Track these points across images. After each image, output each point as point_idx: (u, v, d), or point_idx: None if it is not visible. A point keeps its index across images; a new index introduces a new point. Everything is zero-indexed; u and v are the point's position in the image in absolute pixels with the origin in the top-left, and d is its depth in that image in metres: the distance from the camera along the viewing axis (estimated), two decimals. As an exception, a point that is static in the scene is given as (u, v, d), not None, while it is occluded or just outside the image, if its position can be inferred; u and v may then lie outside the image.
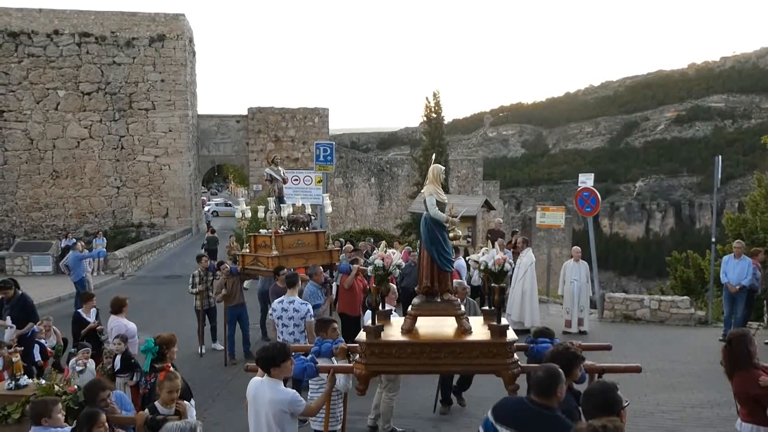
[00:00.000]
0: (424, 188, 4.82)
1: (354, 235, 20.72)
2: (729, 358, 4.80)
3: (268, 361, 4.41)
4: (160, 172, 32.18)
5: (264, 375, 4.47)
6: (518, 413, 3.42)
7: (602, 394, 3.05)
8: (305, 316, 7.70)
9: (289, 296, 7.86)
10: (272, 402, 4.36)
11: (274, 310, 7.84)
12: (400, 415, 7.57)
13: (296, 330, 7.70)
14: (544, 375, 3.49)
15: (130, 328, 7.45)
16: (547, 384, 3.41)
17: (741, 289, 11.21)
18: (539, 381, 3.46)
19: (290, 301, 7.76)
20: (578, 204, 14.33)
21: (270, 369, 4.40)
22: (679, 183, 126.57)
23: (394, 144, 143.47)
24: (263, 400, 4.39)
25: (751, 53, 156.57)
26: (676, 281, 21.38)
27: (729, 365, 4.80)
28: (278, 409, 4.36)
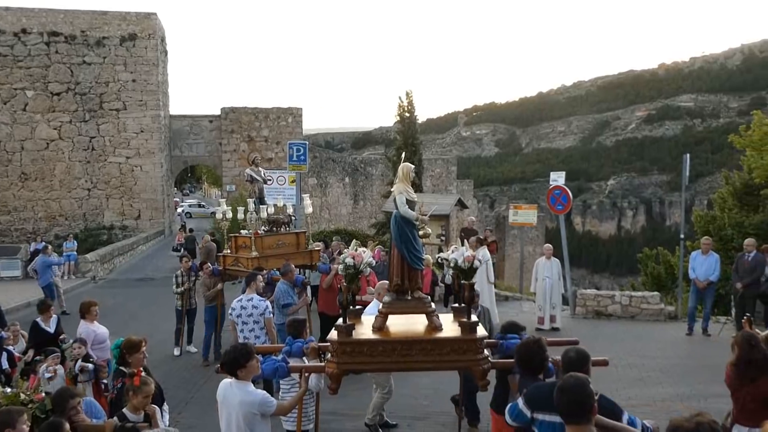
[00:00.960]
0: (394, 187, 4.84)
1: (328, 234, 20.68)
2: (753, 364, 4.65)
3: (233, 363, 4.38)
4: (131, 174, 31.73)
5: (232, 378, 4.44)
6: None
7: (577, 388, 3.09)
8: (264, 313, 7.72)
9: (247, 294, 7.89)
10: (242, 404, 4.33)
11: (233, 309, 7.83)
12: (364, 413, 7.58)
13: (256, 327, 7.71)
14: (576, 356, 3.79)
15: (100, 333, 7.32)
16: (580, 364, 3.71)
17: (709, 284, 11.46)
18: (572, 361, 3.75)
19: (248, 299, 7.78)
20: (550, 202, 14.49)
21: (236, 371, 4.37)
22: (649, 181, 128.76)
23: (369, 143, 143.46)
24: (233, 402, 4.37)
25: (719, 54, 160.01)
26: (647, 277, 21.77)
27: (753, 370, 4.65)
28: (248, 410, 4.33)
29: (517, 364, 4.43)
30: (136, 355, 5.30)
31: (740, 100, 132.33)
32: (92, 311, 7.45)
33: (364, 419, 6.96)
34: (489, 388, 4.73)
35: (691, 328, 11.71)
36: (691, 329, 11.70)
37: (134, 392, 4.58)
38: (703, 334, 11.63)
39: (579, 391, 3.06)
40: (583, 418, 3.04)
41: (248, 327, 7.70)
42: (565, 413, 3.10)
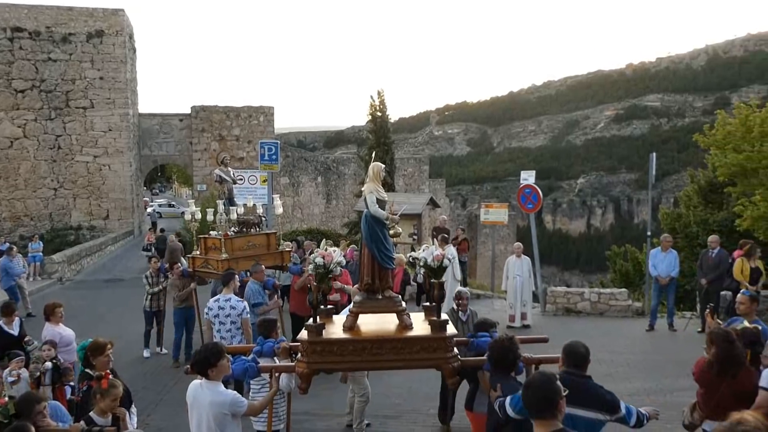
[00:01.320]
0: (365, 186, 4.84)
1: (301, 234, 20.60)
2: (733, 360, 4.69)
3: (203, 363, 4.33)
4: (99, 173, 31.17)
5: (202, 378, 4.40)
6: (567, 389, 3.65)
7: (543, 384, 3.14)
8: (242, 314, 7.68)
9: (225, 294, 7.81)
10: (212, 404, 4.29)
11: (210, 309, 7.75)
12: (342, 413, 7.58)
13: (233, 327, 7.65)
14: (585, 351, 4.04)
15: (65, 336, 7.18)
16: (585, 356, 4.01)
17: (670, 280, 11.72)
18: (581, 355, 4.01)
19: (226, 299, 7.71)
20: (520, 201, 14.63)
21: (206, 371, 4.33)
22: (618, 179, 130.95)
23: (341, 142, 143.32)
24: (203, 403, 4.32)
25: (684, 54, 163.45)
26: (616, 274, 22.16)
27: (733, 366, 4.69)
28: (218, 411, 4.29)
29: (489, 361, 4.48)
30: (101, 358, 5.18)
31: (705, 99, 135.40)
32: (57, 313, 7.28)
33: (353, 428, 6.90)
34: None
35: (652, 324, 11.95)
36: (652, 326, 11.94)
37: (102, 395, 4.50)
38: (669, 329, 11.88)
39: (546, 387, 3.12)
40: (548, 413, 3.09)
41: (225, 327, 7.64)
42: (532, 408, 3.15)
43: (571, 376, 3.97)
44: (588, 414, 3.87)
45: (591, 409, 3.89)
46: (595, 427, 3.93)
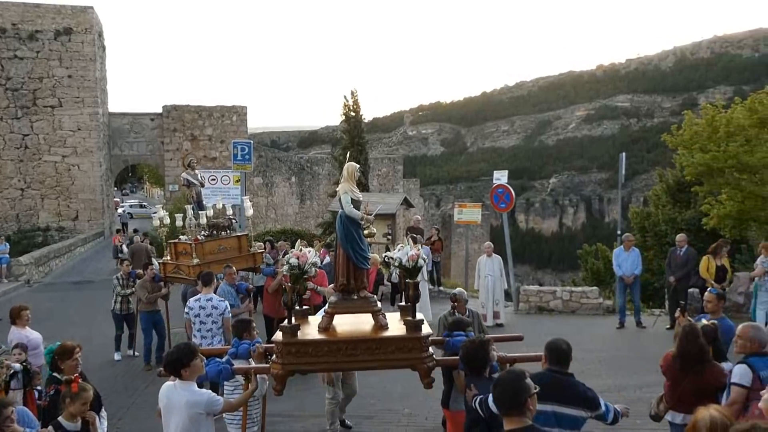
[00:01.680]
0: (339, 186, 4.84)
1: (274, 234, 20.48)
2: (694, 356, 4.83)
3: (176, 363, 4.29)
4: (68, 173, 30.59)
5: (175, 379, 4.35)
6: (551, 386, 3.82)
7: (511, 381, 3.19)
8: (223, 313, 7.65)
9: (206, 294, 7.76)
10: (188, 404, 4.25)
11: (191, 309, 7.70)
12: (322, 414, 7.56)
13: (214, 327, 7.63)
14: (567, 348, 4.10)
15: (32, 339, 7.03)
16: (567, 353, 4.08)
17: (635, 279, 11.95)
18: (565, 353, 4.08)
19: (207, 299, 7.68)
20: (493, 200, 14.76)
21: (180, 371, 4.29)
22: (589, 179, 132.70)
23: (315, 142, 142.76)
24: (178, 404, 4.28)
25: (653, 55, 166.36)
26: (587, 273, 22.48)
27: (693, 362, 4.83)
28: (194, 411, 4.26)
29: (461, 362, 4.51)
30: (70, 362, 5.09)
31: (673, 100, 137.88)
32: (23, 316, 7.12)
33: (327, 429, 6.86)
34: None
35: (622, 322, 12.16)
36: (622, 323, 12.14)
37: (72, 399, 4.41)
38: (637, 326, 12.08)
39: (514, 385, 3.17)
40: (517, 410, 3.13)
41: (206, 327, 7.61)
42: (501, 405, 3.20)
43: (555, 373, 4.04)
44: (572, 411, 3.94)
45: (575, 407, 3.96)
46: (578, 424, 4.00)
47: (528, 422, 3.14)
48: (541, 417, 3.73)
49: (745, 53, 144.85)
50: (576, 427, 3.98)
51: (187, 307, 7.84)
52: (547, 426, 3.77)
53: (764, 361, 4.61)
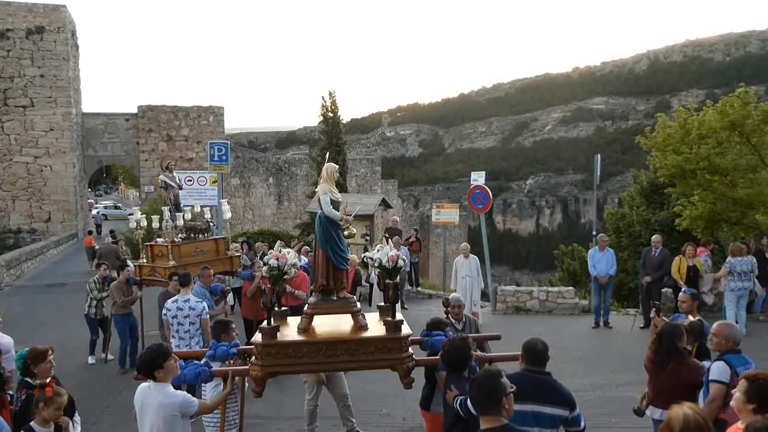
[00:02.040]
0: (318, 187, 4.83)
1: (252, 236, 20.36)
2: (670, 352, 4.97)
3: (149, 365, 4.26)
4: (40, 174, 30.07)
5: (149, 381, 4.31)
6: (529, 386, 3.85)
7: (487, 380, 3.21)
8: (201, 314, 7.67)
9: (183, 295, 7.77)
10: (162, 407, 4.22)
11: (168, 310, 7.70)
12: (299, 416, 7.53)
13: (192, 328, 7.64)
14: (543, 347, 4.10)
15: (4, 343, 6.89)
16: (543, 353, 4.10)
17: (609, 279, 12.10)
18: (541, 353, 4.09)
19: (184, 300, 7.72)
20: (471, 201, 14.84)
21: (153, 373, 4.26)
22: (565, 180, 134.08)
23: (293, 143, 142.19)
24: (152, 406, 4.24)
25: (627, 59, 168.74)
26: (564, 273, 22.70)
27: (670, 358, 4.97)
28: (169, 413, 4.22)
29: (442, 361, 4.53)
30: (43, 365, 4.98)
31: (647, 103, 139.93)
32: None
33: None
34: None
35: (597, 322, 12.31)
36: (597, 323, 12.29)
37: (46, 403, 4.33)
38: (605, 326, 12.23)
39: (490, 384, 3.20)
40: (493, 409, 3.16)
41: (183, 328, 7.64)
42: (477, 404, 3.22)
43: (532, 373, 4.06)
44: (552, 411, 3.97)
45: (554, 406, 3.98)
46: (557, 423, 4.01)
47: (504, 421, 3.16)
48: (520, 417, 3.75)
49: (717, 57, 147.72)
50: (555, 426, 4.01)
51: (164, 308, 7.82)
52: (526, 426, 3.79)
53: (739, 358, 4.72)
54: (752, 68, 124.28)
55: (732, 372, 4.55)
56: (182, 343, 7.52)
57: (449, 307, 6.62)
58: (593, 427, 6.95)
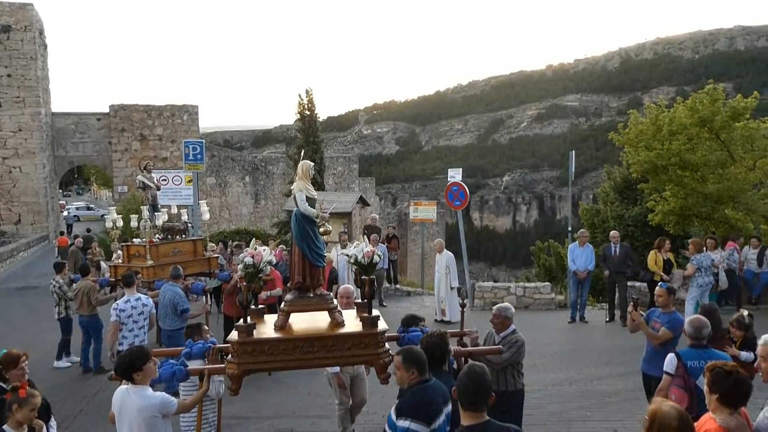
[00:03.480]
0: (294, 185, 4.81)
1: (229, 235, 20.19)
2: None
3: (128, 367, 4.23)
4: (9, 175, 29.46)
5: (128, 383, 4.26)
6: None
7: (474, 377, 3.21)
8: (151, 309, 8.19)
9: (132, 294, 8.11)
10: (141, 409, 4.18)
11: (122, 310, 7.91)
12: (278, 415, 7.51)
13: (145, 323, 8.10)
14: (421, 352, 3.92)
15: None
16: (425, 360, 3.89)
17: (588, 274, 12.25)
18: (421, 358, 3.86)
19: (136, 299, 8.06)
20: (448, 198, 14.89)
21: (132, 375, 4.22)
22: (541, 177, 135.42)
23: (269, 142, 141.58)
24: (131, 409, 4.20)
25: (600, 56, 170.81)
26: (540, 269, 22.88)
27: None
28: (149, 415, 4.20)
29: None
30: (15, 371, 4.87)
31: (619, 100, 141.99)
32: None
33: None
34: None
35: (573, 317, 12.44)
36: (574, 318, 12.43)
37: (20, 405, 4.25)
38: (581, 321, 12.37)
39: (478, 380, 3.20)
40: (479, 405, 3.17)
41: (138, 325, 8.01)
42: (466, 400, 3.20)
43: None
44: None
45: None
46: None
47: (486, 418, 3.18)
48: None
49: (686, 54, 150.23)
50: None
51: (116, 309, 7.96)
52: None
53: (698, 352, 4.89)
54: (720, 65, 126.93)
55: (680, 363, 4.83)
56: (137, 340, 7.85)
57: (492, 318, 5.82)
58: (570, 421, 7.05)
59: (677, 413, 2.98)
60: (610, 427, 6.79)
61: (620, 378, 8.48)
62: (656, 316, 6.27)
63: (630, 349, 8.93)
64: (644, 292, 12.59)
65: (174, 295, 8.38)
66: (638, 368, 6.53)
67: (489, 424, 3.17)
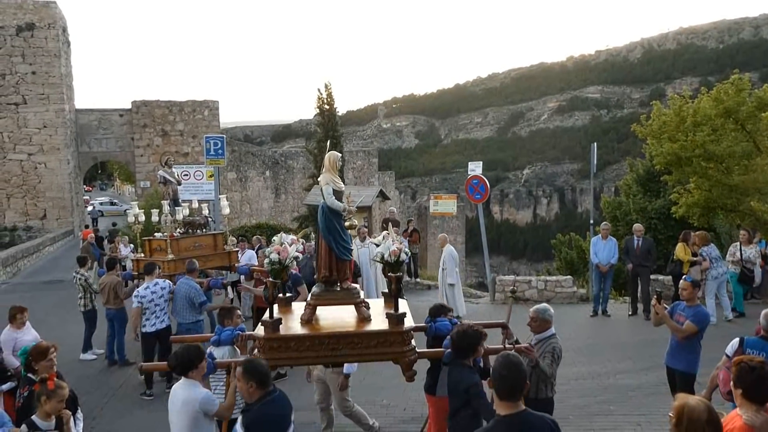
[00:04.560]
0: (321, 177, 4.77)
1: (250, 229, 20.34)
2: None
3: (187, 365, 4.34)
4: (35, 171, 29.94)
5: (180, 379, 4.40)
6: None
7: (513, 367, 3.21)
8: (169, 290, 8.64)
9: (151, 281, 8.63)
10: (185, 402, 4.27)
11: (144, 297, 8.37)
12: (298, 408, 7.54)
13: (165, 305, 8.59)
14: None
15: (26, 340, 6.91)
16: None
17: (610, 268, 12.12)
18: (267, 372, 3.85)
19: (154, 284, 8.56)
20: (468, 192, 14.83)
21: (188, 372, 4.35)
22: (561, 170, 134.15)
23: (289, 136, 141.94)
24: (177, 402, 4.31)
25: (621, 47, 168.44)
26: (561, 262, 22.70)
27: None
28: (192, 409, 4.26)
29: (450, 340, 4.59)
30: (44, 363, 5.02)
31: (641, 91, 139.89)
32: (17, 318, 7.24)
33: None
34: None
35: (596, 310, 12.32)
36: (596, 311, 12.31)
37: (48, 396, 4.35)
38: (603, 314, 12.25)
39: (517, 370, 3.20)
40: (517, 396, 3.18)
41: (159, 307, 8.51)
42: (504, 392, 3.19)
43: None
44: None
45: None
46: None
47: (523, 407, 3.19)
48: None
49: (710, 44, 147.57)
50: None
51: (137, 296, 8.46)
52: None
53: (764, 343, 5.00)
54: (745, 55, 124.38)
55: (740, 349, 4.92)
56: (157, 322, 8.47)
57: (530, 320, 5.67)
58: (593, 415, 7.00)
59: (706, 407, 2.94)
60: (633, 421, 6.74)
61: (643, 372, 8.40)
62: (681, 310, 6.20)
63: (653, 343, 8.84)
64: (667, 285, 12.45)
65: (190, 288, 8.42)
66: (661, 362, 6.47)
67: (526, 414, 3.18)
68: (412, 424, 6.95)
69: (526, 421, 3.15)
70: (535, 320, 5.54)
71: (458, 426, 4.55)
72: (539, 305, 5.68)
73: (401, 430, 6.86)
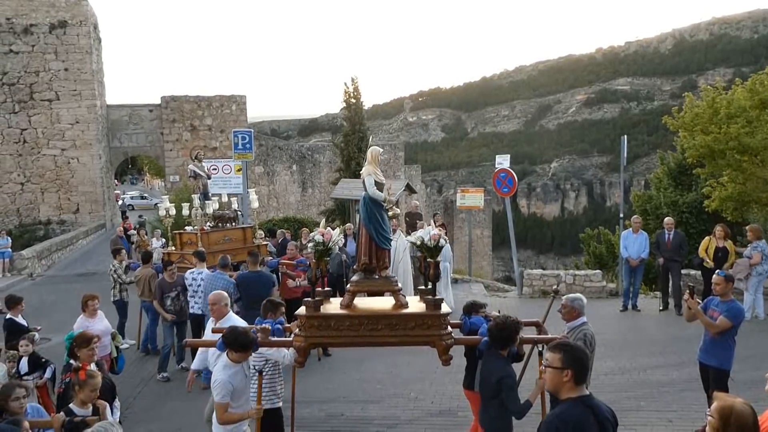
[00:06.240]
0: (363, 169, 5.00)
1: (277, 223, 20.52)
2: None
3: (244, 345, 4.51)
4: (68, 166, 30.56)
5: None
6: None
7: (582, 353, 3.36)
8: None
9: (198, 269, 8.90)
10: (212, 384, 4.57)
11: (194, 280, 8.72)
12: (327, 399, 7.63)
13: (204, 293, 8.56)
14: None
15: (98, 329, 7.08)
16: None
17: (641, 262, 11.95)
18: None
19: (198, 272, 8.81)
20: (496, 185, 14.75)
21: (236, 350, 4.51)
22: (590, 163, 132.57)
23: (315, 130, 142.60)
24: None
25: (652, 38, 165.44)
26: (590, 256, 22.44)
27: None
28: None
29: (488, 331, 4.64)
30: (86, 350, 5.20)
31: (673, 83, 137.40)
32: (89, 306, 7.50)
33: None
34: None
35: (626, 305, 12.17)
36: (626, 306, 12.16)
37: (80, 386, 4.48)
38: (633, 309, 12.10)
39: (586, 356, 3.39)
40: (584, 380, 3.33)
41: (198, 294, 8.71)
42: (581, 376, 3.30)
43: None
44: None
45: None
46: None
47: (586, 392, 3.29)
48: None
49: (744, 34, 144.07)
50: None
51: (190, 279, 8.78)
52: None
53: None
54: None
55: None
56: (197, 306, 8.77)
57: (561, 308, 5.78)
58: (623, 411, 6.93)
59: (751, 410, 2.91)
60: (664, 417, 6.67)
61: (675, 368, 8.29)
62: (714, 305, 6.10)
63: (684, 339, 8.72)
64: (699, 280, 12.24)
65: (227, 283, 8.54)
66: (693, 358, 6.37)
67: (590, 398, 3.30)
68: (439, 417, 6.97)
69: (595, 404, 3.29)
70: (565, 307, 5.75)
71: (486, 416, 4.60)
72: (571, 294, 5.86)
73: (429, 423, 6.88)
